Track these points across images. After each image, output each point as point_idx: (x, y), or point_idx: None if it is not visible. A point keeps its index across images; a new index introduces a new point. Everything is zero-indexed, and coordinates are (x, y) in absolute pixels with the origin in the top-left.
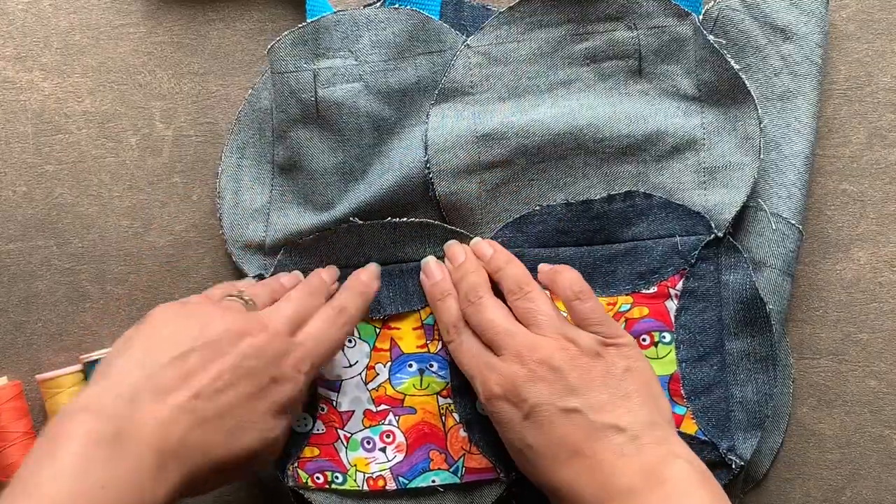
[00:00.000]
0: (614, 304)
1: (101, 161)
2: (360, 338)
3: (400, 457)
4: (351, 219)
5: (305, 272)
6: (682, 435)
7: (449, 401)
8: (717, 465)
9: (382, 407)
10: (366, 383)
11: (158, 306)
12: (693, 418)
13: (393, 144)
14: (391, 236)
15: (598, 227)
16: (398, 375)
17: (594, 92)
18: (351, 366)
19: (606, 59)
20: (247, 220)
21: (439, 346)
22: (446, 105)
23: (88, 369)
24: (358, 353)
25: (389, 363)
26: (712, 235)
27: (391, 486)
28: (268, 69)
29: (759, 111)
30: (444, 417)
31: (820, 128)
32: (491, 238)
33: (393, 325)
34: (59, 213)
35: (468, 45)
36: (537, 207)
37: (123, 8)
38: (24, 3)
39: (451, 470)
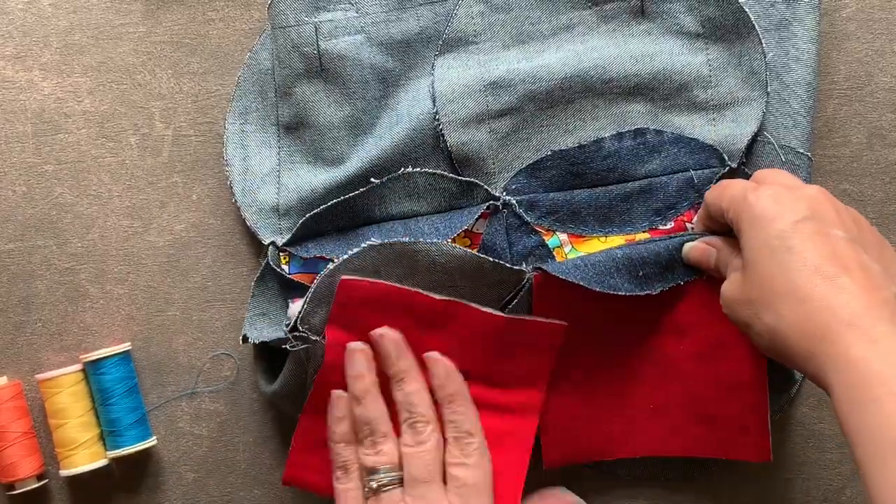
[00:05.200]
0: (632, 240)
1: (100, 161)
2: None
3: None
4: (371, 179)
5: (325, 237)
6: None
7: None
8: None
9: None
10: None
11: None
12: None
13: (399, 96)
14: (406, 188)
15: (612, 167)
16: None
17: (598, 34)
18: None
19: (608, 0)
20: (258, 184)
21: None
22: (451, 55)
23: (88, 369)
24: None
25: None
26: (727, 168)
27: None
28: (265, 30)
29: (764, 44)
30: None
31: (820, 128)
32: (504, 186)
33: None
34: (59, 212)
35: None
36: (549, 152)
37: (123, 7)
38: (24, 2)
39: None
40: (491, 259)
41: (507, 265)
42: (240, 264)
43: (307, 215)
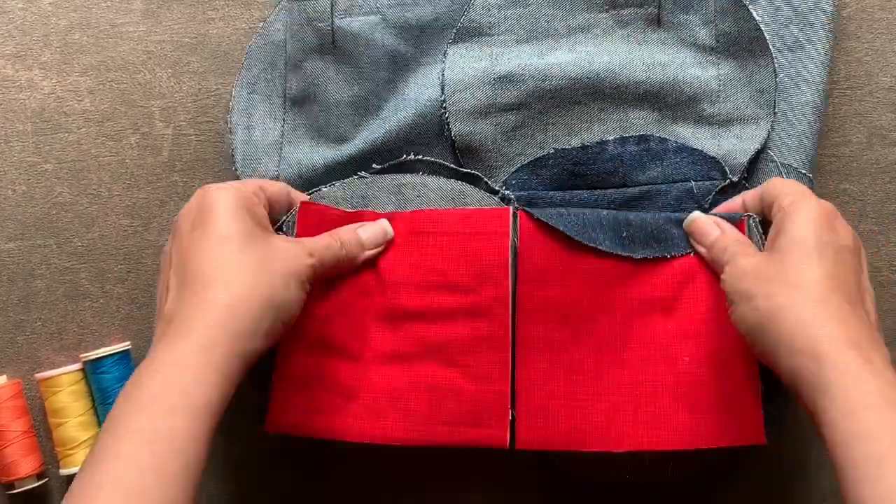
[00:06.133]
0: None
1: (100, 160)
2: None
3: None
4: (374, 165)
5: None
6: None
7: None
8: None
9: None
10: None
11: None
12: None
13: (409, 80)
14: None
15: (613, 170)
16: None
17: (612, 38)
18: None
19: (626, 5)
20: (259, 154)
21: None
22: (464, 45)
23: (88, 368)
24: None
25: None
26: (727, 181)
27: None
28: (281, 1)
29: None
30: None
31: (820, 127)
32: (504, 181)
33: None
34: (59, 211)
35: None
36: (552, 150)
37: (123, 7)
38: (24, 1)
39: None
40: (476, 189)
41: (493, 198)
42: None
43: (307, 195)
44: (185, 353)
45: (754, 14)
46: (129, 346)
